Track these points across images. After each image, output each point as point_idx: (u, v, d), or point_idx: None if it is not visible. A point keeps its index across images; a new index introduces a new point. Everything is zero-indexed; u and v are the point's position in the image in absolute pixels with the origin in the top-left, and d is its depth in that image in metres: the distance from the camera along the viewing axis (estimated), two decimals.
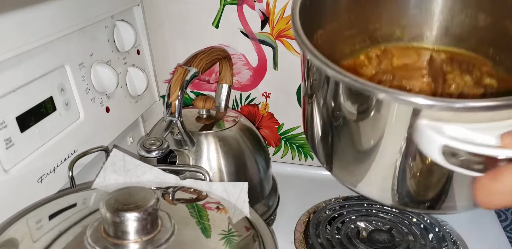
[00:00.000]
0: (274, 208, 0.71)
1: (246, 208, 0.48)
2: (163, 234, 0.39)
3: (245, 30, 0.75)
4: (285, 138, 0.84)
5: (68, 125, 0.56)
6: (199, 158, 0.60)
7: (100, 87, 0.62)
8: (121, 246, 0.38)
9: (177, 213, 0.45)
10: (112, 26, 0.66)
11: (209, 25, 0.76)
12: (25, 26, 0.48)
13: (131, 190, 0.40)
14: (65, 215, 0.45)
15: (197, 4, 0.74)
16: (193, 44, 0.77)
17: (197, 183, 0.51)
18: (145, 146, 0.54)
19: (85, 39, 0.59)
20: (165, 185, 0.51)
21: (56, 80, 0.54)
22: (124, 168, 0.52)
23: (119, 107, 0.68)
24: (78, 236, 0.40)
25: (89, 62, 0.60)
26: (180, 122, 0.57)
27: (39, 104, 0.51)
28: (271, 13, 0.72)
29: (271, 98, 0.81)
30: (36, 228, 0.43)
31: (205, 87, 0.83)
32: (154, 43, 0.78)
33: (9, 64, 0.46)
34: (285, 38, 0.74)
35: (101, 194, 0.49)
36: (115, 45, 0.66)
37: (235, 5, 0.73)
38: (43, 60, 0.52)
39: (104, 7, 0.63)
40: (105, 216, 0.38)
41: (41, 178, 0.51)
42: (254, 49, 0.76)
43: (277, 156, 0.87)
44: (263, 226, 0.46)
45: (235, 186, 0.50)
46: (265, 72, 0.78)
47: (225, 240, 0.42)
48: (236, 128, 0.64)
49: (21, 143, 0.49)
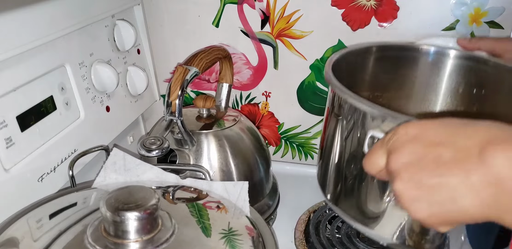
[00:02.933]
0: (274, 207, 0.70)
1: (247, 207, 0.48)
2: (163, 233, 0.40)
3: (245, 29, 0.75)
4: (285, 137, 0.84)
5: (69, 124, 0.56)
6: (200, 157, 0.60)
7: (101, 87, 0.62)
8: (122, 245, 0.38)
9: (178, 212, 0.45)
10: (113, 25, 0.66)
11: (209, 25, 0.75)
12: (26, 25, 0.48)
13: (132, 189, 0.40)
14: (65, 214, 0.45)
15: (197, 4, 0.74)
16: (193, 44, 0.77)
17: (198, 182, 0.51)
18: (145, 145, 0.54)
19: (86, 39, 0.59)
20: (165, 184, 0.51)
21: (57, 79, 0.54)
22: (124, 167, 0.52)
23: (120, 106, 0.68)
24: (78, 235, 0.40)
25: (89, 61, 0.60)
26: (181, 122, 0.57)
27: (40, 103, 0.51)
28: (272, 12, 0.72)
29: (271, 98, 0.81)
30: (37, 227, 0.43)
31: (205, 86, 0.83)
32: (155, 42, 0.78)
33: (9, 63, 0.46)
34: (285, 37, 0.74)
35: (102, 193, 0.49)
36: (116, 45, 0.66)
37: (235, 4, 0.73)
38: (44, 60, 0.52)
39: (104, 6, 0.63)
40: (105, 215, 0.38)
41: (41, 177, 0.51)
42: (254, 48, 0.76)
43: (277, 155, 0.87)
44: (264, 225, 0.46)
45: (236, 185, 0.50)
46: (265, 72, 0.78)
47: (225, 239, 0.42)
48: (237, 127, 0.64)
49: (22, 142, 0.49)
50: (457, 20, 0.66)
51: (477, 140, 0.30)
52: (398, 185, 0.32)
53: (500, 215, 0.29)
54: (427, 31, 0.68)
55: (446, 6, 0.66)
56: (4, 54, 0.45)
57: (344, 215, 0.54)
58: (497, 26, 0.65)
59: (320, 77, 0.76)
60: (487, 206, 0.29)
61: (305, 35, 0.73)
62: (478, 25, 0.66)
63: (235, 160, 0.62)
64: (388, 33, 0.69)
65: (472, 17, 0.66)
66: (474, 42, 0.59)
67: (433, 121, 0.33)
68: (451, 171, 0.30)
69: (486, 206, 0.29)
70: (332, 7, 0.70)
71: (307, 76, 0.76)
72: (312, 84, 0.77)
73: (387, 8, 0.68)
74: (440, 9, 0.66)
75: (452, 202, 0.30)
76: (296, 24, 0.72)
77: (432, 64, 0.61)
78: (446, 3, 0.66)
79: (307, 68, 0.76)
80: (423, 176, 0.31)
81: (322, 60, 0.74)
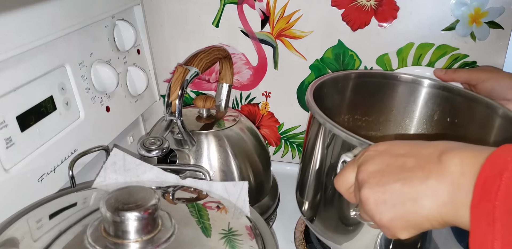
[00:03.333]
0: (275, 207, 0.71)
1: (247, 207, 0.48)
2: (163, 234, 0.39)
3: (245, 29, 0.75)
4: (285, 137, 0.84)
5: (68, 124, 0.56)
6: (199, 157, 0.60)
7: (100, 87, 0.62)
8: (122, 245, 0.38)
9: (178, 212, 0.45)
10: (113, 25, 0.66)
11: (209, 25, 0.75)
12: (26, 25, 0.48)
13: (131, 190, 0.40)
14: (65, 215, 0.45)
15: (197, 4, 0.74)
16: (193, 44, 0.77)
17: (197, 182, 0.51)
18: (145, 145, 0.54)
19: (86, 39, 0.59)
20: (165, 184, 0.51)
21: (57, 79, 0.54)
22: (124, 167, 0.52)
23: (119, 106, 0.68)
24: (78, 235, 0.40)
25: (89, 61, 0.60)
26: (181, 122, 0.57)
27: (40, 103, 0.51)
28: (271, 13, 0.72)
29: (271, 98, 0.81)
30: (37, 228, 0.43)
31: (205, 86, 0.83)
32: (154, 42, 0.78)
33: (9, 64, 0.46)
34: (285, 38, 0.74)
35: (102, 194, 0.49)
36: (115, 45, 0.66)
37: (235, 4, 0.73)
38: (44, 60, 0.52)
39: (104, 6, 0.63)
40: (105, 215, 0.38)
41: (41, 177, 0.51)
42: (254, 48, 0.76)
43: (277, 155, 0.87)
44: (264, 226, 0.46)
45: (236, 185, 0.50)
46: (265, 72, 0.78)
47: (225, 239, 0.42)
48: (236, 127, 0.64)
49: (22, 142, 0.49)
50: (457, 20, 0.66)
51: (437, 149, 0.33)
52: (365, 191, 0.35)
53: (457, 211, 0.31)
54: (427, 31, 0.68)
55: (446, 6, 0.66)
56: (4, 54, 0.45)
57: (317, 231, 0.58)
58: (497, 26, 0.65)
59: None
60: (443, 205, 0.31)
61: (305, 35, 0.73)
62: (478, 25, 0.66)
63: (235, 160, 0.62)
64: (388, 33, 0.69)
65: (472, 17, 0.66)
66: (449, 74, 0.64)
67: (400, 140, 0.38)
68: (414, 173, 0.33)
69: (442, 205, 0.31)
70: (332, 7, 0.70)
71: (307, 76, 0.76)
72: None
73: (387, 8, 0.68)
74: (440, 9, 0.66)
75: (413, 202, 0.33)
76: (296, 24, 0.72)
77: (409, 92, 0.65)
78: (446, 3, 0.66)
79: (307, 68, 0.76)
80: (389, 180, 0.34)
81: (322, 60, 0.74)
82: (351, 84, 0.66)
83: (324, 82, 0.60)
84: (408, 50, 0.70)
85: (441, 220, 0.32)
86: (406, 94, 0.65)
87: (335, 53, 0.73)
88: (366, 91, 0.66)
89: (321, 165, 0.54)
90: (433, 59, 0.70)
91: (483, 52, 0.68)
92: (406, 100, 0.66)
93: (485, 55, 0.68)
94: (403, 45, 0.70)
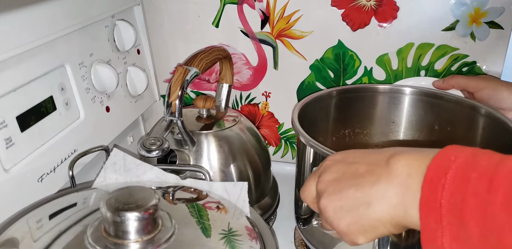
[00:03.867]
0: (274, 207, 0.70)
1: (246, 208, 0.48)
2: (163, 234, 0.39)
3: (245, 29, 0.75)
4: (285, 138, 0.84)
5: (68, 124, 0.56)
6: (200, 157, 0.60)
7: (100, 87, 0.62)
8: (122, 245, 0.38)
9: (178, 212, 0.45)
10: (112, 25, 0.66)
11: (209, 25, 0.75)
12: (26, 25, 0.48)
13: (132, 190, 0.40)
14: (65, 215, 0.45)
15: (197, 4, 0.74)
16: (193, 44, 0.77)
17: (198, 183, 0.51)
18: (145, 145, 0.54)
19: (86, 39, 0.59)
20: (165, 185, 0.51)
21: (56, 79, 0.54)
22: (124, 168, 0.52)
23: (119, 106, 0.68)
24: (78, 235, 0.40)
25: (89, 61, 0.60)
26: (181, 122, 0.57)
27: (39, 103, 0.51)
28: (271, 13, 0.72)
29: (271, 98, 0.81)
30: (37, 228, 0.43)
31: (205, 86, 0.83)
32: (154, 42, 0.78)
33: (9, 64, 0.46)
34: (285, 38, 0.74)
35: (102, 194, 0.49)
36: (115, 45, 0.66)
37: (235, 4, 0.73)
38: (44, 60, 0.52)
39: (104, 6, 0.63)
40: (105, 215, 0.38)
41: (41, 177, 0.51)
42: (254, 48, 0.76)
43: (277, 156, 0.86)
44: (264, 226, 0.46)
45: (235, 185, 0.50)
46: (265, 72, 0.78)
47: (225, 239, 0.42)
48: (236, 127, 0.64)
49: (21, 142, 0.49)
50: (457, 20, 0.66)
51: (386, 154, 0.35)
52: (323, 200, 0.37)
53: (407, 212, 0.32)
54: (427, 31, 0.68)
55: (446, 6, 0.66)
56: (4, 54, 0.45)
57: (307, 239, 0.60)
58: (497, 26, 0.65)
59: (320, 78, 0.76)
60: (393, 207, 0.32)
61: (305, 35, 0.73)
62: (478, 25, 0.66)
63: (235, 160, 0.62)
64: (388, 33, 0.69)
65: (472, 17, 0.66)
66: (447, 81, 0.65)
67: (355, 149, 0.40)
68: (365, 179, 0.35)
69: (393, 207, 0.33)
70: (332, 7, 0.70)
71: (307, 77, 0.76)
72: (312, 85, 0.77)
73: (387, 8, 0.68)
74: (440, 9, 0.66)
75: (366, 206, 0.34)
76: (296, 24, 0.72)
77: (390, 101, 0.67)
78: (446, 3, 0.66)
79: (307, 69, 0.76)
80: (344, 186, 0.36)
81: (322, 60, 0.74)
82: (334, 102, 0.67)
83: (308, 103, 0.61)
84: (408, 50, 0.70)
85: (393, 222, 0.33)
86: (387, 104, 0.67)
87: (335, 53, 0.73)
88: (349, 106, 0.68)
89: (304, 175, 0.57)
90: (433, 59, 0.70)
91: (483, 52, 0.68)
92: (388, 110, 0.68)
93: (485, 55, 0.68)
94: (403, 45, 0.70)
